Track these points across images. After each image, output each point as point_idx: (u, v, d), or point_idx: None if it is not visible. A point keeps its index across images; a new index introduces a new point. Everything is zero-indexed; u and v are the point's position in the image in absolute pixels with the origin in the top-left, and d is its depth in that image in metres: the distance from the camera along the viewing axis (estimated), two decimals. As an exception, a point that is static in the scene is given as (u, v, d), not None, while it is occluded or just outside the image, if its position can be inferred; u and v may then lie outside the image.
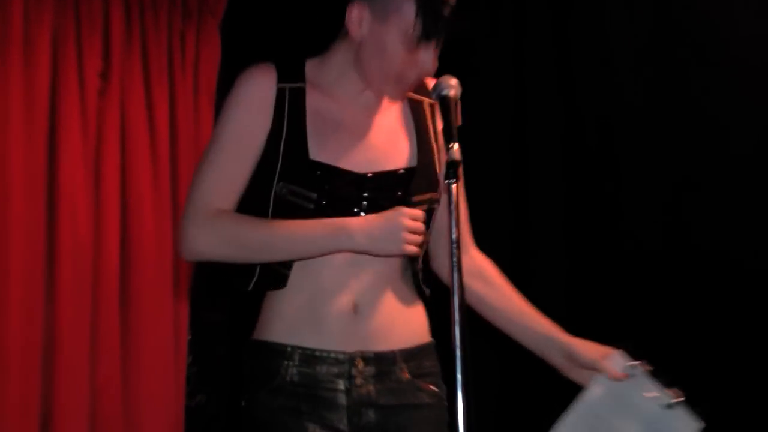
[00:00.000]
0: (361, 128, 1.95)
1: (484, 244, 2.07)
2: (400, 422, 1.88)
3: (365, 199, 1.88)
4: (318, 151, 1.89)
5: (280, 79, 1.94)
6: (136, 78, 3.46)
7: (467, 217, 2.09)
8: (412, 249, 1.79)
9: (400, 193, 1.89)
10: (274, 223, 1.87)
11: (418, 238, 1.79)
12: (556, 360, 1.96)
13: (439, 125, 1.83)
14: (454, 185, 1.55)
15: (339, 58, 1.96)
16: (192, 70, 3.59)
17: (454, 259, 1.53)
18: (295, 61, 2.00)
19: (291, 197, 1.88)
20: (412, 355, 1.90)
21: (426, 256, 2.02)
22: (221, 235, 1.88)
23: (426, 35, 1.83)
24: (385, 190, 1.89)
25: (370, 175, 1.89)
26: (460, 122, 1.70)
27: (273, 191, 1.90)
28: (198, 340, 3.67)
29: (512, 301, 2.02)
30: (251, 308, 2.30)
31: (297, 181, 1.88)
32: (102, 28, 3.38)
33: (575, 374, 1.95)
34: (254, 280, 1.92)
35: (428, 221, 1.90)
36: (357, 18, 1.89)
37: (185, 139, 3.56)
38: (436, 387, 1.94)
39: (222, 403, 3.70)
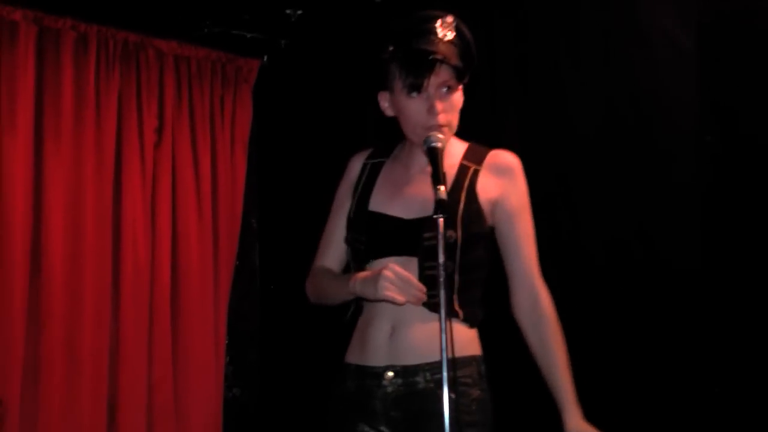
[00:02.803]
0: (415, 186, 2.06)
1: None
2: (420, 423, 1.96)
3: (402, 237, 1.99)
4: (375, 204, 2.07)
5: (370, 157, 2.18)
6: (185, 133, 3.68)
7: (534, 254, 2.07)
8: (389, 294, 1.86)
9: (423, 233, 1.97)
10: (331, 279, 2.11)
11: (398, 286, 1.85)
12: None
13: (478, 185, 2.00)
14: (441, 220, 1.70)
15: (406, 138, 2.12)
16: (229, 126, 3.83)
17: (441, 279, 1.65)
18: (391, 143, 2.18)
19: (353, 243, 2.08)
20: (435, 367, 1.92)
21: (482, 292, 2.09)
22: (312, 289, 2.19)
23: (412, 84, 1.94)
24: (415, 231, 1.99)
25: (407, 219, 2.02)
26: (444, 169, 1.82)
27: (347, 240, 2.12)
28: (233, 345, 3.86)
29: (548, 362, 2.02)
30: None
31: (356, 228, 2.07)
32: (158, 92, 3.61)
33: None
34: (350, 311, 2.12)
35: (450, 253, 1.94)
36: (384, 103, 2.06)
37: (224, 183, 3.79)
38: (454, 394, 1.84)
39: (252, 396, 3.91)
